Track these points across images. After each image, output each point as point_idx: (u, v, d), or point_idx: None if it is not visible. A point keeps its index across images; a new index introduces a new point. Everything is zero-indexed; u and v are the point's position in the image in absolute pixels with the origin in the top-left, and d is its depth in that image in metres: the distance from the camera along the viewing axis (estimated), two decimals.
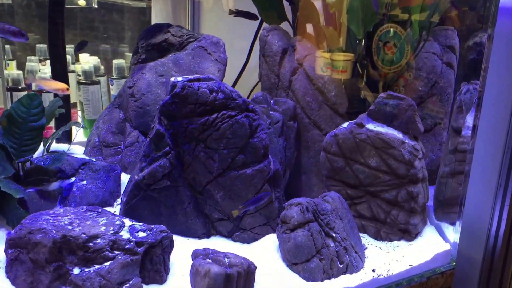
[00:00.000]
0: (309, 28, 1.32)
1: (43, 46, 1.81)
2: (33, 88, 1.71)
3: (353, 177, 1.14)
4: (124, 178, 1.09)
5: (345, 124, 1.16)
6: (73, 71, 1.68)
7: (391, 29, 1.29)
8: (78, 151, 1.14)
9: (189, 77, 0.98)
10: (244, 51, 1.36)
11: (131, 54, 1.91)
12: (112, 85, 1.92)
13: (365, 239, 1.16)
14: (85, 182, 0.99)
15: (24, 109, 0.95)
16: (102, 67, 1.89)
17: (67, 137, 1.25)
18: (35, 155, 0.99)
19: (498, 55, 1.03)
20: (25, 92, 1.82)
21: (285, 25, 1.35)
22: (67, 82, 1.25)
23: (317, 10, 1.34)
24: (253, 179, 1.03)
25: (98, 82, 1.86)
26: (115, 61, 1.83)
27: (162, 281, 0.90)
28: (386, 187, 1.14)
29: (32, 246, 0.83)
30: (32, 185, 0.95)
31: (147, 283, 0.89)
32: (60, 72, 1.27)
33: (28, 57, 1.79)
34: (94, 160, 1.09)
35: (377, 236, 1.15)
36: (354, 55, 1.28)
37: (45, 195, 0.95)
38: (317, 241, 0.99)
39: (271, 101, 1.20)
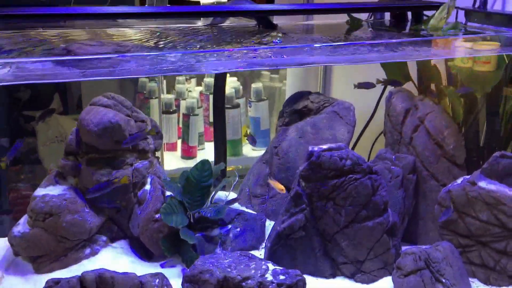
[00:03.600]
0: (432, 87, 1.49)
1: None
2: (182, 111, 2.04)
3: (465, 228, 1.30)
4: (268, 224, 1.36)
5: (459, 180, 1.32)
6: None
7: None
8: (232, 196, 1.43)
9: (323, 147, 1.21)
10: (369, 109, 1.58)
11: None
12: (250, 107, 2.18)
13: (475, 283, 1.31)
14: (238, 229, 1.27)
15: (198, 172, 1.25)
16: (241, 89, 2.16)
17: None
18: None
19: None
20: (175, 115, 2.17)
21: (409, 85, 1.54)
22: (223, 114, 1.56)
23: (439, 71, 1.49)
24: (374, 230, 1.24)
25: (238, 106, 2.11)
26: (253, 85, 2.07)
27: None
28: (496, 238, 1.28)
29: (202, 283, 1.11)
30: (200, 231, 1.25)
31: None
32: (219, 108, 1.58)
33: (177, 78, 2.08)
34: (246, 209, 1.37)
35: (486, 282, 1.30)
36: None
37: (209, 239, 1.24)
38: (428, 287, 1.19)
39: (393, 157, 1.40)
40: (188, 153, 2.29)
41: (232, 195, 1.41)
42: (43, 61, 0.90)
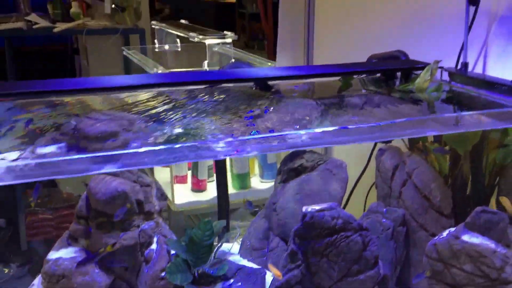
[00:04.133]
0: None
1: None
2: None
3: (451, 278, 1.39)
4: (268, 276, 1.45)
5: (445, 233, 1.41)
6: None
7: None
8: (234, 249, 1.53)
9: (316, 207, 1.31)
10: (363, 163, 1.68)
11: None
12: None
13: None
14: (240, 283, 1.35)
15: (200, 232, 1.35)
16: None
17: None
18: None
19: None
20: None
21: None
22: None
23: None
24: (365, 283, 1.33)
25: None
26: None
27: None
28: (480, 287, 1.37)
29: None
30: (204, 285, 1.34)
31: None
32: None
33: None
34: (247, 262, 1.46)
35: None
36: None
37: None
38: None
39: (384, 210, 1.49)
40: (198, 186, 2.40)
41: (235, 247, 1.51)
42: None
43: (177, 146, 1.02)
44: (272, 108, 1.37)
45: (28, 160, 0.95)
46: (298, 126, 1.21)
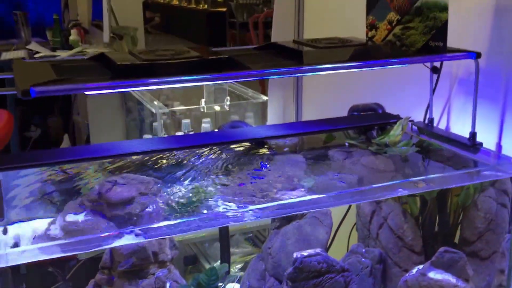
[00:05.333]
0: None
1: None
2: None
3: None
4: None
5: (414, 270, 1.66)
6: None
7: None
8: None
9: (304, 254, 1.55)
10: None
11: None
12: None
13: None
14: None
15: (206, 277, 1.59)
16: None
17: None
18: None
19: None
20: None
21: None
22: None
23: None
24: None
25: None
26: None
27: None
28: None
29: None
30: None
31: None
32: None
33: None
34: None
35: None
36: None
37: None
38: None
39: (363, 251, 1.74)
40: None
41: (236, 287, 1.76)
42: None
43: (193, 219, 1.26)
44: (267, 168, 1.62)
45: (60, 240, 1.18)
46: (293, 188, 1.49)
